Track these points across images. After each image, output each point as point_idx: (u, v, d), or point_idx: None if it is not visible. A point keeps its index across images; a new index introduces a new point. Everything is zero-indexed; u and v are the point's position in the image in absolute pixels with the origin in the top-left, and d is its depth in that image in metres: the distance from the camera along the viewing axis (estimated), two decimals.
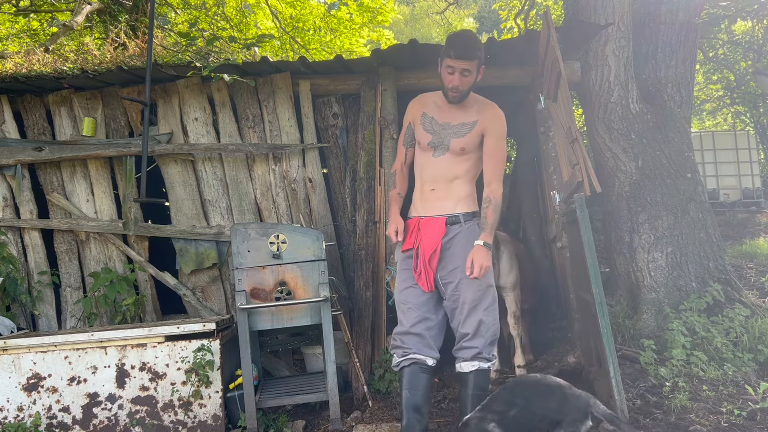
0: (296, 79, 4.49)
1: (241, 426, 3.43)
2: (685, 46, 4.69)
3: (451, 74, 2.71)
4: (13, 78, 4.26)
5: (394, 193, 3.05)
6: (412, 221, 2.91)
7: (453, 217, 2.81)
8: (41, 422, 3.34)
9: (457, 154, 2.82)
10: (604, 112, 4.51)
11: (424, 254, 2.77)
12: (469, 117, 2.83)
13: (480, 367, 2.77)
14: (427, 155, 2.87)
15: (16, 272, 4.32)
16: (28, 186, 4.49)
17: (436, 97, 2.93)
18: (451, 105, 2.84)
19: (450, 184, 2.84)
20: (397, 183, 3.05)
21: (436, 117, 2.87)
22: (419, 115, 2.91)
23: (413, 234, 2.86)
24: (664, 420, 3.07)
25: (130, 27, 6.42)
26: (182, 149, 4.40)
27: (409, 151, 3.01)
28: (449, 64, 2.70)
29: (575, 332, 4.23)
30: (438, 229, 2.79)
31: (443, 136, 2.83)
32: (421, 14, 23.45)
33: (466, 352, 2.77)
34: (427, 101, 2.94)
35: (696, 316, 3.88)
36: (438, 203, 2.84)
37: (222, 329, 3.60)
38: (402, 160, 3.05)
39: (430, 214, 2.84)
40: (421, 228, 2.84)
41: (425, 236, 2.80)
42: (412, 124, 2.96)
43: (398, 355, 2.83)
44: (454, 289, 2.78)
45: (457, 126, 2.82)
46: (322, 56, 10.28)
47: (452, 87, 2.73)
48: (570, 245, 3.98)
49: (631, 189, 4.40)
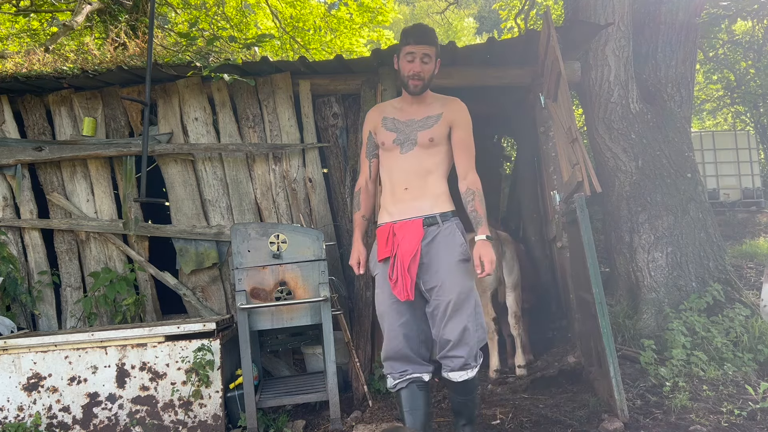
0: (296, 78, 4.49)
1: (241, 426, 3.43)
2: (685, 45, 4.69)
3: (411, 61, 2.64)
4: (13, 78, 4.26)
5: (357, 216, 2.89)
6: (384, 228, 2.72)
7: (430, 218, 2.66)
8: (41, 422, 3.34)
9: (426, 146, 2.69)
10: (604, 112, 4.51)
11: (402, 261, 2.59)
12: (434, 110, 2.74)
13: (469, 377, 2.65)
14: (394, 154, 2.73)
15: (16, 272, 4.32)
16: (28, 186, 4.49)
17: (393, 102, 2.88)
18: (413, 102, 2.76)
19: (424, 181, 2.69)
20: (362, 203, 2.89)
21: (398, 117, 2.77)
22: (379, 121, 2.81)
23: (389, 241, 2.67)
24: (664, 420, 3.07)
25: (130, 27, 6.42)
26: (182, 149, 4.40)
27: (373, 163, 2.87)
28: (409, 51, 2.63)
29: (575, 332, 4.23)
30: (416, 232, 2.63)
31: (408, 131, 2.72)
32: (422, 14, 23.45)
33: (453, 361, 2.64)
34: (385, 107, 2.87)
35: (696, 316, 3.89)
36: (413, 204, 2.68)
37: (222, 329, 3.60)
38: (366, 175, 2.90)
39: (405, 216, 2.67)
40: (396, 233, 2.66)
41: (403, 241, 2.62)
42: (372, 133, 2.85)
43: (393, 378, 2.72)
44: (436, 294, 2.62)
45: (422, 120, 2.73)
46: (322, 56, 10.28)
47: (414, 74, 2.64)
48: (570, 245, 3.98)
49: (632, 189, 4.40)
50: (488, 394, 3.91)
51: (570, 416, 3.28)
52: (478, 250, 2.57)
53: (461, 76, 4.49)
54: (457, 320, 2.59)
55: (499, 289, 4.35)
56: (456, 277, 2.61)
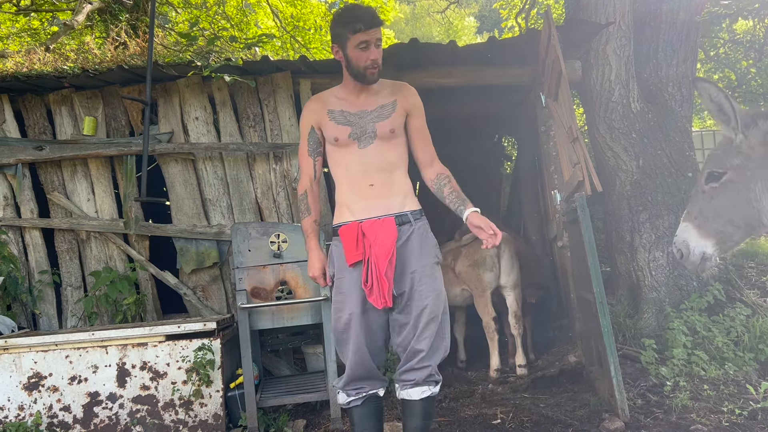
0: (297, 78, 4.48)
1: (241, 425, 3.43)
2: (686, 45, 4.69)
3: (366, 49, 2.35)
4: (14, 77, 4.26)
5: (309, 221, 2.53)
6: (349, 228, 2.41)
7: (402, 217, 2.42)
8: (42, 421, 3.34)
9: (387, 138, 2.44)
10: (605, 112, 4.51)
11: (378, 264, 2.32)
12: (385, 98, 2.49)
13: (432, 393, 2.41)
14: (351, 149, 2.45)
15: (16, 271, 4.32)
16: (28, 185, 4.49)
17: (334, 92, 2.56)
18: (359, 91, 2.48)
19: (390, 177, 2.45)
20: (311, 207, 2.54)
21: (347, 108, 2.47)
22: (324, 114, 2.49)
23: (359, 242, 2.37)
24: (665, 419, 3.07)
25: (130, 26, 6.42)
26: (183, 148, 4.40)
27: (318, 161, 2.55)
28: (363, 39, 2.33)
29: (576, 331, 4.23)
30: (389, 232, 2.37)
31: (363, 124, 2.44)
32: (422, 13, 23.43)
33: (417, 373, 2.37)
34: (327, 98, 2.54)
35: (697, 315, 3.88)
36: (382, 201, 2.42)
37: (223, 328, 3.60)
38: (311, 174, 2.55)
39: (373, 215, 2.40)
40: (366, 233, 2.38)
41: (375, 242, 2.35)
42: (315, 128, 2.52)
43: (347, 394, 2.46)
44: (409, 299, 2.38)
45: (376, 110, 2.46)
46: (322, 55, 10.27)
47: (372, 62, 2.37)
48: (571, 244, 3.98)
49: (632, 188, 4.39)
50: (489, 394, 3.91)
51: (571, 416, 3.28)
52: (482, 220, 2.33)
53: (462, 76, 4.49)
54: (432, 328, 2.37)
55: (498, 288, 4.35)
56: (432, 281, 2.40)
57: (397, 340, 2.43)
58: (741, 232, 2.14)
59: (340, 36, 2.39)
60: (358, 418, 2.47)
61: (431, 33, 21.88)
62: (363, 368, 2.41)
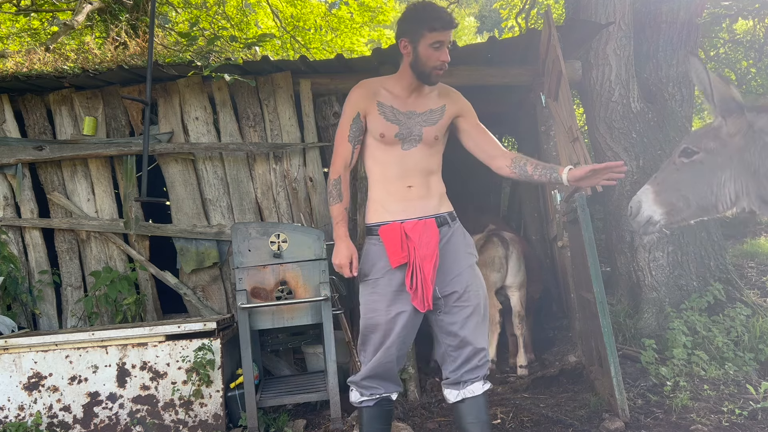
0: (297, 78, 4.48)
1: (242, 425, 3.43)
2: (686, 45, 4.69)
3: (439, 49, 2.29)
4: (14, 77, 4.26)
5: (339, 208, 2.44)
6: (392, 228, 2.35)
7: (441, 218, 2.41)
8: (42, 421, 3.34)
9: (431, 144, 2.43)
10: (605, 111, 4.51)
11: (423, 267, 2.30)
12: (434, 102, 2.46)
13: (490, 386, 2.47)
14: (394, 149, 2.41)
15: (16, 271, 4.32)
16: (28, 185, 4.49)
17: (383, 84, 2.49)
18: (411, 90, 2.43)
19: (427, 180, 2.44)
20: (343, 193, 2.46)
21: (396, 106, 2.42)
22: (373, 104, 2.43)
23: (402, 243, 2.33)
24: (665, 419, 3.07)
25: (130, 26, 6.42)
26: (183, 148, 4.40)
27: (356, 149, 2.47)
28: (438, 39, 2.27)
29: (576, 331, 4.23)
30: (433, 233, 2.34)
31: (411, 125, 2.40)
32: None
33: (480, 370, 2.40)
34: (377, 89, 2.47)
35: (697, 315, 3.88)
36: (420, 202, 2.40)
37: (223, 328, 3.60)
38: (347, 161, 2.46)
39: (413, 216, 2.37)
40: (410, 235, 2.33)
41: (419, 244, 2.31)
42: (361, 115, 2.44)
43: (360, 393, 2.46)
44: (457, 301, 2.37)
45: (425, 113, 2.43)
46: (322, 55, 10.27)
47: (441, 63, 2.31)
48: (571, 244, 3.98)
49: (632, 188, 4.39)
50: (489, 394, 3.90)
51: (571, 416, 3.28)
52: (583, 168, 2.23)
53: (462, 75, 4.49)
54: (484, 325, 2.41)
55: (503, 288, 4.36)
56: (478, 281, 2.43)
57: (447, 340, 2.41)
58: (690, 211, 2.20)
59: (413, 32, 2.31)
60: (367, 419, 2.46)
61: None
62: (384, 368, 2.40)
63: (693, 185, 2.16)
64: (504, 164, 2.44)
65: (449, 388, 2.44)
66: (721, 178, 2.11)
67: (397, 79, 2.45)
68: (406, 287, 2.33)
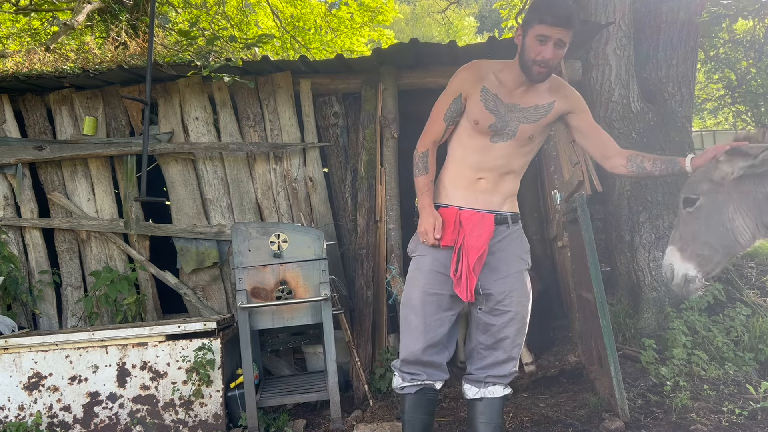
0: (297, 78, 4.48)
1: (242, 425, 3.43)
2: (686, 45, 4.69)
3: (543, 44, 2.16)
4: (14, 77, 4.26)
5: (426, 179, 2.40)
6: (449, 212, 2.36)
7: (501, 216, 2.37)
8: (42, 421, 3.35)
9: (523, 143, 2.35)
10: (605, 111, 4.51)
11: (469, 256, 2.27)
12: (543, 98, 2.34)
13: (510, 392, 2.45)
14: (483, 139, 2.33)
15: (17, 271, 4.32)
16: (28, 185, 4.50)
17: (496, 69, 2.36)
18: (521, 82, 2.31)
19: (501, 177, 2.38)
20: (429, 167, 2.41)
21: (501, 96, 2.31)
22: (477, 88, 2.31)
23: (454, 228, 2.32)
24: (665, 419, 3.07)
25: (130, 26, 6.42)
26: (183, 148, 4.40)
27: (449, 130, 2.41)
28: (543, 33, 2.15)
29: (576, 331, 4.23)
30: (487, 227, 2.30)
31: (508, 119, 2.31)
32: (422, 13, 23.45)
33: (505, 379, 2.42)
34: (486, 73, 2.35)
35: (697, 315, 3.88)
36: (484, 196, 2.36)
37: (223, 328, 3.60)
38: (437, 139, 2.42)
39: (474, 206, 2.34)
40: (463, 223, 2.32)
41: (470, 234, 2.29)
42: (463, 97, 2.34)
43: (402, 378, 2.42)
44: (498, 303, 2.34)
45: (528, 109, 2.32)
46: (322, 55, 10.28)
47: (542, 60, 2.18)
48: (571, 244, 3.98)
49: (632, 188, 4.40)
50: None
51: (571, 415, 3.28)
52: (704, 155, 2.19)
53: None
54: (521, 335, 2.37)
55: None
56: (524, 288, 2.38)
57: (480, 338, 2.41)
58: (720, 254, 2.16)
59: (527, 20, 2.23)
60: (409, 407, 2.41)
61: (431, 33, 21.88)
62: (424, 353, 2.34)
63: (708, 229, 2.14)
64: (620, 163, 2.35)
65: (470, 384, 2.44)
66: (728, 213, 2.11)
67: (511, 68, 2.34)
68: (448, 272, 2.31)
